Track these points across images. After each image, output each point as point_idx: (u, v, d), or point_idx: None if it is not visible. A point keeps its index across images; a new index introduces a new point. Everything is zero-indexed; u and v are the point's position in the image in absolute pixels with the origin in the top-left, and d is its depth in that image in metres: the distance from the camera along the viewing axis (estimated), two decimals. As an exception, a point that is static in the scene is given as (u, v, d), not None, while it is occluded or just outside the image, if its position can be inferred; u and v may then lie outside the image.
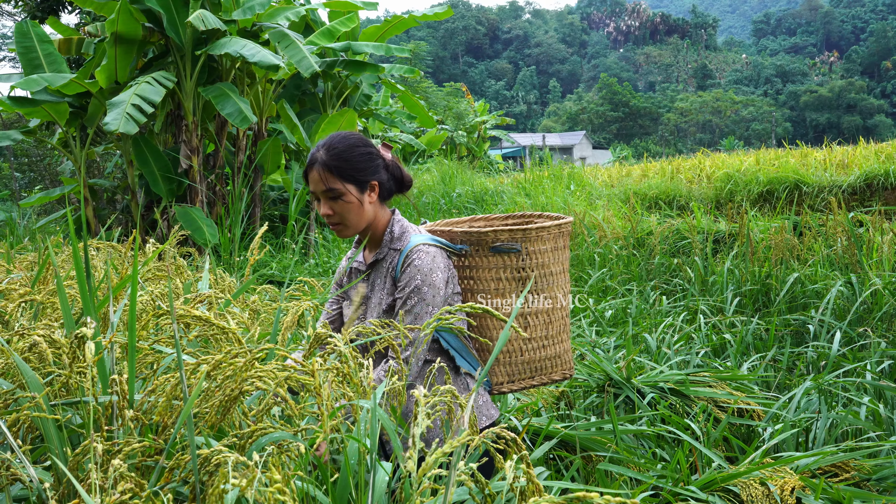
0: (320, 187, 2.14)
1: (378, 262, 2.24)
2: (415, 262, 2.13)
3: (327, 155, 2.13)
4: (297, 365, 1.40)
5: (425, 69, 50.51)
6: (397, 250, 2.20)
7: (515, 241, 2.23)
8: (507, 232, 2.24)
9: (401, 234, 2.22)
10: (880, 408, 3.13)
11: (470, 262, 2.27)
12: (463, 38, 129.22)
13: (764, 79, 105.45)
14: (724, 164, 12.24)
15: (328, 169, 2.12)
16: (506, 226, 2.41)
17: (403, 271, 2.14)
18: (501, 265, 2.25)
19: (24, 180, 15.27)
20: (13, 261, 3.52)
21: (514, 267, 2.25)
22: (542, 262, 2.28)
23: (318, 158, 2.14)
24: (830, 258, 5.69)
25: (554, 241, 2.31)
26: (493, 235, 2.23)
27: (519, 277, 2.25)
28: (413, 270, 2.12)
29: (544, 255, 2.28)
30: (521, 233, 2.24)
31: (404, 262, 2.14)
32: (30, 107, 7.59)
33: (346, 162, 2.13)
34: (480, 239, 2.24)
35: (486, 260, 2.25)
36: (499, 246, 2.23)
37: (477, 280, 2.27)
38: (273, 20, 8.35)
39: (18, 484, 1.27)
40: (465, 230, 2.26)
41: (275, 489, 0.98)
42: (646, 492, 2.28)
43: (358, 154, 2.16)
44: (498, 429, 1.26)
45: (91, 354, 1.25)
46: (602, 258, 6.70)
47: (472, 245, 2.25)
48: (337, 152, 2.14)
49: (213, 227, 7.67)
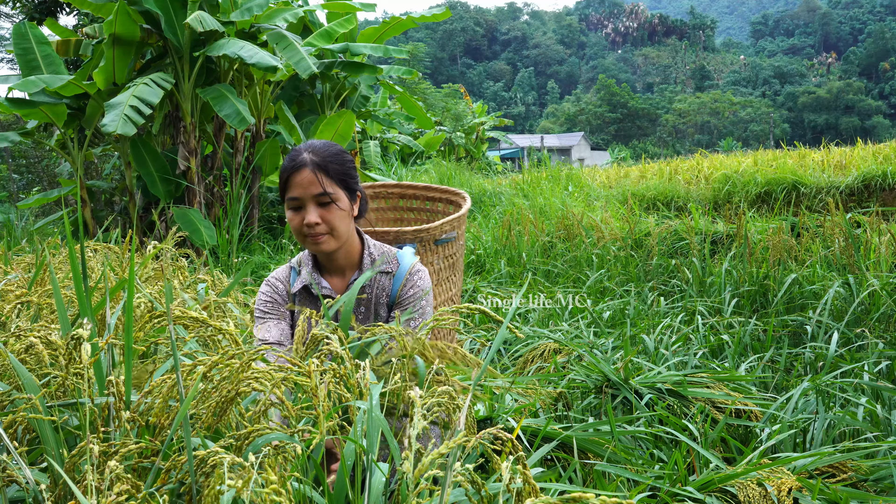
0: (313, 191, 1.92)
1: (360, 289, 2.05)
2: (418, 284, 2.06)
3: (319, 156, 1.95)
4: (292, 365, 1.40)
5: (423, 70, 50.50)
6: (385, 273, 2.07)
7: (454, 229, 2.28)
8: (449, 223, 2.28)
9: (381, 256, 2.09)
10: (878, 408, 3.13)
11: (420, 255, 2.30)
12: (461, 39, 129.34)
13: (762, 80, 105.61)
14: (722, 166, 12.26)
15: (324, 170, 1.94)
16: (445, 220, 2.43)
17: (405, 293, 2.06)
18: (441, 254, 2.29)
19: (21, 182, 15.26)
20: (10, 262, 3.52)
21: (448, 253, 2.31)
22: (461, 243, 2.35)
23: (309, 160, 1.93)
24: (828, 259, 5.69)
25: (467, 221, 2.40)
26: (438, 229, 2.25)
27: (450, 264, 2.31)
28: (418, 292, 2.06)
29: (463, 237, 2.36)
30: (458, 220, 2.30)
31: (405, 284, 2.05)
32: (28, 108, 7.59)
33: (342, 165, 1.98)
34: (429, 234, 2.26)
35: (430, 255, 2.28)
36: (442, 238, 2.27)
37: None
38: (271, 21, 8.35)
39: (15, 486, 1.27)
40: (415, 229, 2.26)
41: (271, 490, 0.98)
42: (643, 492, 2.28)
43: (348, 160, 2.02)
44: (494, 429, 1.26)
45: (87, 356, 1.25)
46: (600, 259, 6.70)
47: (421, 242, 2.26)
48: (330, 154, 1.97)
49: (211, 229, 7.67)
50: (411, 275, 2.04)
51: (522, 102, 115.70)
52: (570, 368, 3.64)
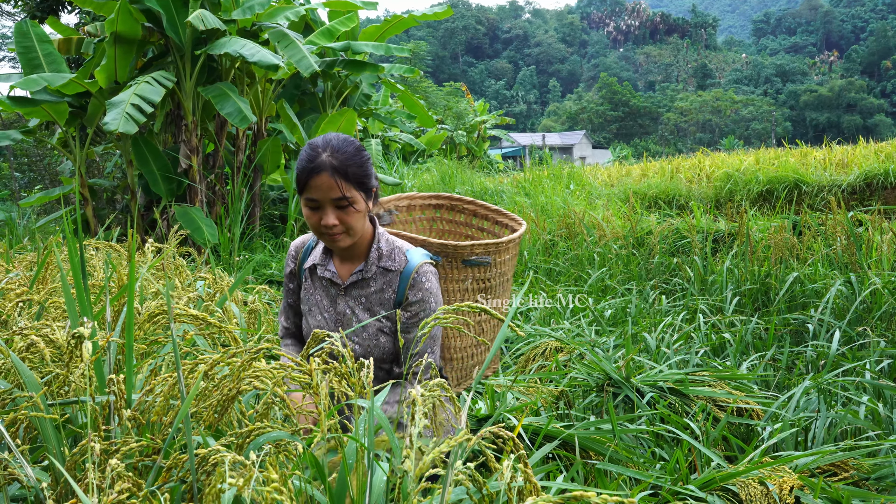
0: (332, 195, 1.92)
1: (364, 281, 2.07)
2: (426, 286, 2.04)
3: (338, 159, 1.92)
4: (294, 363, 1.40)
5: (425, 69, 50.45)
6: (391, 270, 2.06)
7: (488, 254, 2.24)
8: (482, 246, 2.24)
9: (390, 252, 2.07)
10: (879, 407, 3.13)
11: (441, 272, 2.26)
12: (463, 37, 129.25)
13: (764, 78, 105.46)
14: (723, 164, 12.24)
15: (343, 175, 1.92)
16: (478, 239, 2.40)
17: (413, 294, 2.04)
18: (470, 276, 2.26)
19: (23, 180, 15.27)
20: (12, 261, 3.52)
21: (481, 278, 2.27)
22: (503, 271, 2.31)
23: (328, 162, 1.91)
24: (830, 257, 5.68)
25: (514, 249, 2.34)
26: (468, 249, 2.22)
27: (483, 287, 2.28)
28: (426, 294, 2.04)
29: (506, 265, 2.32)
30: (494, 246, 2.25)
31: (412, 285, 2.03)
32: (29, 106, 7.59)
33: (360, 168, 1.95)
34: (456, 252, 2.22)
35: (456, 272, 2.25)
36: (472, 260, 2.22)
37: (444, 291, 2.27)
38: (273, 20, 8.35)
39: (16, 484, 1.27)
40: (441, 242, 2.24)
41: (272, 488, 0.98)
42: (645, 491, 2.28)
43: (365, 157, 1.99)
44: (496, 428, 1.25)
45: (88, 354, 1.25)
46: (601, 258, 6.70)
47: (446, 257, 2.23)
48: (348, 156, 1.94)
49: (212, 227, 7.67)
50: (417, 274, 2.03)
51: (524, 101, 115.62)
52: (572, 367, 3.64)
